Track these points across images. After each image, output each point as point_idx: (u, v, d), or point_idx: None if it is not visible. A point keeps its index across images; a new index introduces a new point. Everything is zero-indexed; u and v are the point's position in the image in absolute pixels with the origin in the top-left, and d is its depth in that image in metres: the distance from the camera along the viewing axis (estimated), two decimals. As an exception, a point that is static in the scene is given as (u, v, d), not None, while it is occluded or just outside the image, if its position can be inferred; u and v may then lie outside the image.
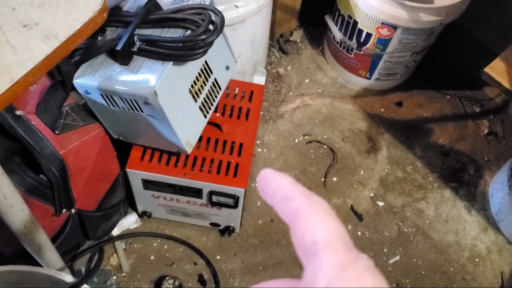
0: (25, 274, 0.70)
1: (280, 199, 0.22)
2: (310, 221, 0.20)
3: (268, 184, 0.23)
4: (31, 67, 0.37)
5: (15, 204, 0.59)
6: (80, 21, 0.39)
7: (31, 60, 0.37)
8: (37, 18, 0.39)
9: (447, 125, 1.51)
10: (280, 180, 0.23)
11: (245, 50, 1.31)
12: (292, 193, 0.22)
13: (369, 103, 1.54)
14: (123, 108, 0.88)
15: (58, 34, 0.39)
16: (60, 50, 0.38)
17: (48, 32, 0.39)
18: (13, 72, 0.37)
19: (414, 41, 1.32)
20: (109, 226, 1.13)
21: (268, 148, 1.41)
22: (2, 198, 0.56)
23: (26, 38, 0.38)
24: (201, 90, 0.94)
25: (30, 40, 0.38)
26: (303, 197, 0.21)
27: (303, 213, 0.21)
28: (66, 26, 0.39)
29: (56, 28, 0.39)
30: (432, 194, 1.36)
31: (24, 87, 0.37)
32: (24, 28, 0.39)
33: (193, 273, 1.18)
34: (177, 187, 1.05)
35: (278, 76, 1.59)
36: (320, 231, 0.20)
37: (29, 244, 0.69)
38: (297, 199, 0.21)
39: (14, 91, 0.36)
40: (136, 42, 0.83)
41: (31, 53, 0.37)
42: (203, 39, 0.82)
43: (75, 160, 0.83)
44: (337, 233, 0.20)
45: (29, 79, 0.37)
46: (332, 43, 1.54)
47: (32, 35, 0.38)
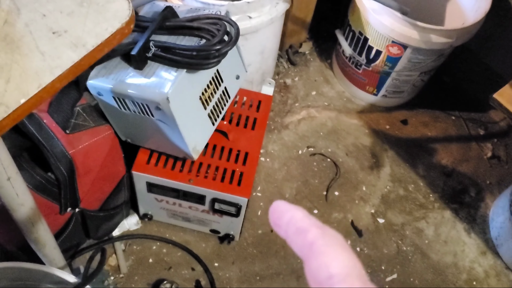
0: (28, 271, 0.71)
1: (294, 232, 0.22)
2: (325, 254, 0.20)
3: (281, 217, 0.23)
4: (58, 74, 0.37)
5: (26, 203, 0.60)
6: (108, 31, 0.40)
7: (59, 67, 0.38)
8: (67, 26, 0.40)
9: (450, 146, 1.52)
10: (294, 213, 0.22)
11: (255, 60, 1.32)
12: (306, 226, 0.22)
13: (375, 119, 1.54)
14: (134, 112, 0.89)
15: (86, 43, 0.39)
16: (88, 58, 0.39)
17: (76, 40, 0.39)
18: (41, 78, 0.37)
19: (423, 61, 1.33)
20: (110, 226, 1.13)
21: (271, 158, 1.41)
22: (14, 196, 0.56)
23: (55, 45, 0.39)
24: (211, 98, 0.95)
25: (59, 47, 0.39)
26: (318, 230, 0.21)
27: (317, 246, 0.21)
28: (94, 35, 0.40)
29: (84, 37, 0.40)
30: (433, 214, 1.37)
31: (50, 93, 0.37)
32: (54, 35, 0.39)
33: (190, 278, 1.18)
34: (181, 192, 1.05)
35: (285, 86, 1.60)
36: (335, 265, 0.20)
37: (35, 241, 0.70)
38: (312, 232, 0.21)
39: (41, 96, 0.37)
40: (152, 48, 0.84)
41: (59, 60, 0.38)
42: (218, 49, 0.83)
43: (84, 161, 0.84)
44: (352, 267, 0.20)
45: (56, 86, 0.37)
46: (341, 58, 1.55)
47: (61, 43, 0.39)
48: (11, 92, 0.36)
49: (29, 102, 0.36)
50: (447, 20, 1.48)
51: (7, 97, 0.36)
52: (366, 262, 1.26)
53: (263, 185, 1.36)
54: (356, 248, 1.27)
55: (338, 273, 0.19)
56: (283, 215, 0.23)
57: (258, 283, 1.19)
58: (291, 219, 0.22)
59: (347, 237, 1.29)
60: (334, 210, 1.33)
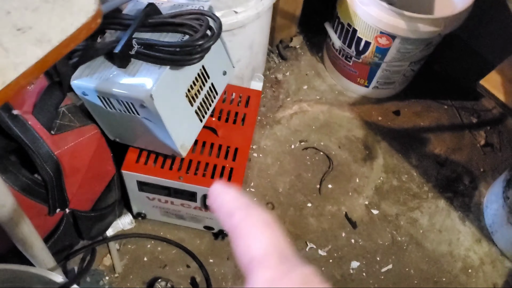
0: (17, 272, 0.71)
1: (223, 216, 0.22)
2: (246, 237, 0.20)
3: (214, 201, 0.23)
4: (23, 71, 0.37)
5: (7, 203, 0.60)
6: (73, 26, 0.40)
7: (23, 64, 0.38)
8: (31, 22, 0.40)
9: (443, 135, 1.52)
10: (224, 196, 0.23)
11: (244, 55, 1.32)
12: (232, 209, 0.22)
13: (367, 111, 1.54)
14: (120, 110, 0.88)
15: (52, 39, 0.39)
16: (53, 54, 0.39)
17: (41, 36, 0.39)
18: (5, 75, 0.37)
19: (412, 51, 1.33)
20: (103, 226, 1.13)
21: (264, 153, 1.41)
22: (-6, 197, 0.56)
23: (19, 42, 0.39)
24: (198, 95, 0.95)
25: (24, 44, 0.39)
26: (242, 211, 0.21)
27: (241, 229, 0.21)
28: (59, 30, 0.39)
29: (49, 33, 0.39)
30: (427, 204, 1.36)
31: (15, 90, 0.37)
32: (18, 32, 0.39)
33: (185, 275, 1.18)
34: (172, 190, 1.05)
35: (277, 81, 1.60)
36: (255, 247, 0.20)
37: (21, 243, 0.70)
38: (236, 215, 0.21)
39: (6, 93, 0.37)
40: (134, 46, 0.83)
41: (23, 56, 0.38)
42: (200, 45, 0.82)
43: (70, 161, 0.84)
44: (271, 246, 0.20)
45: (21, 82, 0.37)
46: (331, 51, 1.55)
47: (25, 39, 0.39)
48: (-25, 91, 0.36)
49: (-7, 100, 0.36)
50: (437, 8, 1.48)
51: (-29, 95, 0.36)
52: (361, 253, 1.26)
53: (256, 181, 1.35)
54: (351, 240, 1.27)
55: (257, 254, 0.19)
56: (216, 198, 0.23)
57: (253, 278, 1.19)
58: (221, 202, 0.22)
59: (342, 229, 1.29)
60: (328, 203, 1.33)
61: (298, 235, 1.27)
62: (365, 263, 1.24)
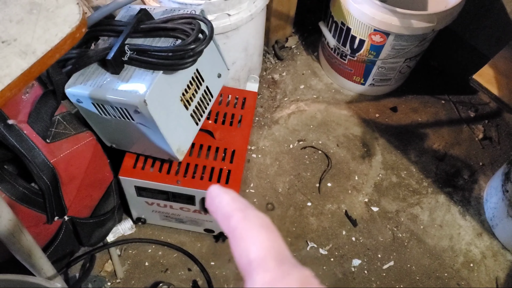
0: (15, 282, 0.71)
1: (221, 218, 0.22)
2: (244, 239, 0.20)
3: (212, 203, 0.23)
4: (8, 83, 0.38)
5: (3, 214, 0.60)
6: (58, 37, 0.40)
7: (8, 76, 0.38)
8: (16, 34, 0.40)
9: (441, 130, 1.52)
10: (221, 198, 0.23)
11: (239, 57, 1.32)
12: (230, 211, 0.22)
13: (364, 109, 1.54)
14: (115, 116, 0.89)
15: (36, 50, 0.39)
16: (38, 65, 0.39)
17: (26, 48, 0.40)
18: (-10, 87, 0.38)
19: (407, 47, 1.33)
20: (103, 232, 1.14)
21: (263, 154, 1.42)
22: (-11, 208, 0.57)
23: (4, 54, 0.39)
24: (193, 98, 0.95)
25: (8, 56, 0.39)
26: (240, 214, 0.21)
27: (239, 231, 0.21)
28: (44, 42, 0.40)
29: (34, 44, 0.40)
30: (427, 199, 1.36)
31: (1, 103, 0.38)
32: (3, 44, 0.40)
33: (187, 279, 1.18)
34: (170, 194, 1.05)
35: (273, 82, 1.60)
36: (253, 250, 0.20)
37: (19, 252, 0.70)
38: (234, 217, 0.21)
39: (-8, 106, 0.37)
40: (127, 52, 0.84)
41: (8, 69, 0.38)
42: (193, 49, 0.83)
43: (66, 169, 0.84)
44: (269, 249, 0.20)
45: (6, 94, 0.38)
46: (326, 50, 1.55)
47: (10, 51, 0.39)
48: (-39, 104, 0.37)
49: (-21, 113, 0.36)
50: (430, 4, 1.48)
51: (-43, 109, 0.36)
52: (362, 251, 1.26)
53: (255, 182, 1.36)
54: (352, 238, 1.28)
55: (255, 257, 0.19)
56: (213, 201, 0.23)
57: (255, 279, 1.19)
58: (219, 205, 0.22)
59: (342, 228, 1.29)
60: (328, 202, 1.33)
61: (298, 235, 1.27)
62: (366, 261, 1.24)
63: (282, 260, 0.19)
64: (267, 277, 0.19)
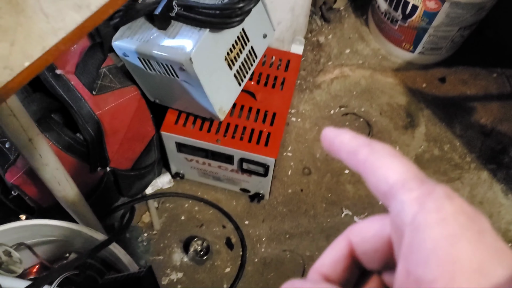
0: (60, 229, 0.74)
1: (346, 156, 0.23)
2: (379, 168, 0.21)
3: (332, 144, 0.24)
4: (62, 36, 0.38)
5: (50, 162, 0.62)
6: (112, -9, 0.40)
7: (63, 29, 0.38)
8: (70, -13, 0.40)
9: (491, 105, 1.46)
10: (341, 137, 0.24)
11: (285, 17, 1.29)
12: (354, 147, 0.23)
13: (411, 77, 1.50)
14: (160, 72, 0.89)
15: (90, 4, 0.39)
16: (92, 20, 0.39)
17: (80, 1, 0.39)
18: (45, 40, 0.38)
19: (463, 16, 1.26)
20: (142, 185, 1.16)
21: (302, 117, 1.40)
22: (37, 157, 0.58)
23: (59, 7, 0.39)
24: (237, 58, 0.94)
25: (63, 9, 0.39)
26: (366, 147, 0.22)
27: (370, 163, 0.22)
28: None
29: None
30: (469, 175, 1.33)
31: (55, 56, 0.38)
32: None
33: (221, 235, 1.21)
34: (209, 152, 1.06)
35: (318, 44, 1.57)
36: (391, 175, 0.21)
37: (63, 200, 0.72)
38: (361, 151, 0.22)
39: (46, 59, 0.37)
40: (175, 7, 0.83)
41: (63, 22, 0.38)
42: (241, 7, 0.81)
43: (111, 121, 0.85)
44: (407, 172, 0.21)
45: (60, 48, 0.38)
46: (376, 13, 1.49)
47: (64, 4, 0.39)
48: (16, 55, 0.37)
49: (33, 65, 0.37)
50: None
51: (12, 60, 0.37)
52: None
53: (293, 145, 1.35)
54: (387, 209, 1.26)
55: (395, 180, 0.20)
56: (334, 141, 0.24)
57: (287, 241, 1.21)
58: (341, 144, 0.23)
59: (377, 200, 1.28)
60: (366, 170, 1.31)
61: (334, 201, 1.27)
62: (400, 232, 1.23)
63: (422, 180, 0.20)
64: (414, 195, 0.19)
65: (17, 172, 0.79)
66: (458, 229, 0.18)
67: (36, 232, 0.74)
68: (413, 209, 0.19)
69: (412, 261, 0.19)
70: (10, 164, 0.78)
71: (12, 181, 0.79)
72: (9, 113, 0.49)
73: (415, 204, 0.19)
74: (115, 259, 0.76)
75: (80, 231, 0.71)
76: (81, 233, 0.72)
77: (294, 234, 1.22)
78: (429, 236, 0.18)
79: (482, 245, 0.18)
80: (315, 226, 1.23)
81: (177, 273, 1.15)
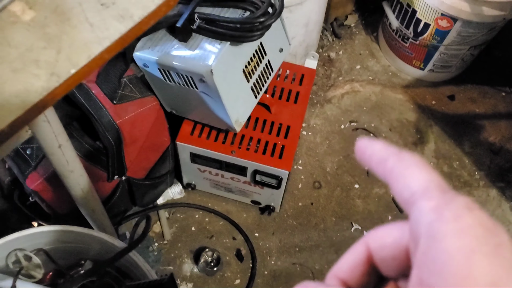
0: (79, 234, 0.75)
1: (376, 164, 0.24)
2: (404, 176, 0.22)
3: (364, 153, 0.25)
4: (107, 45, 0.39)
5: (76, 169, 0.63)
6: (154, 3, 0.41)
7: (107, 39, 0.39)
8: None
9: (499, 123, 1.47)
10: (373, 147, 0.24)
11: (299, 32, 1.31)
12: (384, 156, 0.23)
13: (421, 94, 1.51)
14: (179, 83, 0.90)
15: (133, 15, 0.41)
16: (134, 30, 0.40)
17: (124, 12, 0.41)
18: (90, 49, 0.39)
19: (474, 35, 1.28)
20: (155, 194, 1.17)
21: (313, 131, 1.41)
22: (64, 163, 0.59)
23: (103, 17, 0.41)
24: (254, 71, 0.95)
25: (107, 19, 0.40)
26: (395, 156, 0.23)
27: (397, 172, 0.22)
28: (141, 7, 0.41)
29: (131, 9, 0.41)
30: (477, 192, 1.34)
31: (99, 64, 0.39)
32: (102, 7, 0.41)
33: (231, 247, 1.21)
34: (223, 163, 1.07)
35: (329, 60, 1.58)
36: (415, 183, 0.21)
37: (84, 207, 0.73)
38: (390, 160, 0.23)
39: (90, 67, 0.39)
40: (196, 20, 0.85)
41: (107, 31, 0.40)
42: (262, 22, 0.83)
43: (130, 130, 0.87)
44: (430, 181, 0.21)
45: (105, 57, 0.39)
46: (387, 31, 1.51)
47: (109, 14, 0.41)
48: (62, 63, 0.38)
49: (79, 73, 0.38)
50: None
51: (58, 67, 0.38)
52: (406, 238, 1.25)
53: (304, 159, 1.36)
54: (397, 224, 1.27)
55: (417, 188, 0.21)
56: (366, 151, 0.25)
57: (297, 254, 1.21)
58: (372, 153, 0.24)
59: (389, 213, 1.28)
60: (376, 185, 1.32)
61: (344, 215, 1.27)
62: (410, 248, 1.24)
63: (444, 189, 0.20)
64: (433, 203, 0.20)
65: (38, 178, 0.80)
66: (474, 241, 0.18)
67: (56, 238, 0.75)
68: (430, 217, 0.19)
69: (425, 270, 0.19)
70: (31, 170, 0.79)
71: (32, 187, 0.80)
72: (44, 119, 0.50)
73: (433, 212, 0.19)
74: (132, 267, 0.77)
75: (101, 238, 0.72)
76: (101, 240, 0.73)
77: (304, 247, 1.22)
78: (444, 247, 0.18)
79: (499, 260, 0.17)
80: (325, 240, 1.23)
81: (187, 283, 1.16)
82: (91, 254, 0.85)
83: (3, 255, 0.70)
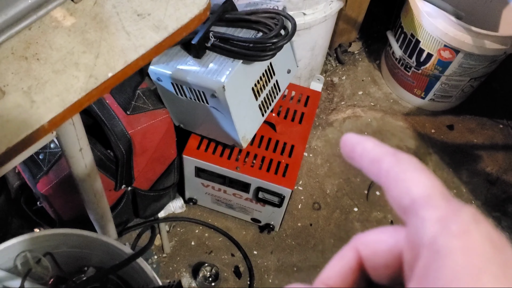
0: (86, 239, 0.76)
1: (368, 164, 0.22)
2: (403, 181, 0.20)
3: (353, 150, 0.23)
4: (142, 53, 0.41)
5: (92, 174, 0.65)
6: (187, 17, 0.44)
7: (143, 46, 0.42)
8: (150, 9, 0.44)
9: (496, 154, 1.50)
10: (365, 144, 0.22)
11: (305, 56, 1.35)
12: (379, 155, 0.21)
13: (421, 123, 1.54)
14: (190, 98, 0.93)
15: (168, 26, 0.43)
16: (168, 40, 0.43)
17: (158, 23, 0.43)
18: (126, 55, 0.41)
19: (475, 67, 1.32)
20: (157, 207, 1.19)
21: (314, 153, 1.44)
22: (83, 166, 0.61)
23: (139, 26, 0.43)
24: (263, 90, 0.98)
25: (143, 29, 0.43)
26: (391, 157, 0.21)
27: (394, 174, 0.20)
28: (175, 19, 0.43)
29: (166, 20, 0.43)
30: (473, 221, 1.35)
31: (134, 70, 0.41)
32: (138, 17, 0.43)
33: (229, 263, 1.22)
34: (227, 179, 1.09)
35: (332, 84, 1.62)
36: (416, 189, 0.19)
37: (94, 212, 0.75)
38: (385, 160, 0.21)
39: (126, 72, 0.41)
40: (211, 38, 0.88)
41: (143, 40, 0.42)
42: (274, 43, 0.86)
43: (141, 141, 0.89)
44: (433, 187, 0.19)
45: (139, 63, 0.41)
46: (390, 59, 1.56)
47: (144, 24, 0.43)
48: (100, 66, 0.41)
49: (115, 76, 0.40)
50: (502, 26, 1.46)
51: (96, 70, 0.40)
52: (403, 262, 1.26)
53: (305, 180, 1.38)
54: (394, 248, 1.28)
55: (420, 195, 0.19)
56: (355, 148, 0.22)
57: (295, 274, 1.22)
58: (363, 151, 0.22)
59: (386, 237, 1.30)
60: (375, 209, 1.34)
61: (342, 238, 1.29)
62: (406, 272, 1.25)
63: (448, 198, 0.19)
64: (438, 213, 0.18)
65: (49, 183, 0.81)
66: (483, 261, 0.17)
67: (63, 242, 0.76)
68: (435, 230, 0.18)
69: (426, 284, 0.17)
70: (43, 174, 0.81)
71: (43, 191, 0.81)
72: (70, 121, 0.52)
73: (438, 224, 0.18)
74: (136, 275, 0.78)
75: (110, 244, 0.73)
76: (109, 246, 0.74)
77: (301, 267, 1.23)
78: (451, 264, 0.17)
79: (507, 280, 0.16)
80: (322, 261, 1.25)
81: (184, 297, 1.16)
82: (93, 261, 0.86)
83: (12, 256, 0.72)
